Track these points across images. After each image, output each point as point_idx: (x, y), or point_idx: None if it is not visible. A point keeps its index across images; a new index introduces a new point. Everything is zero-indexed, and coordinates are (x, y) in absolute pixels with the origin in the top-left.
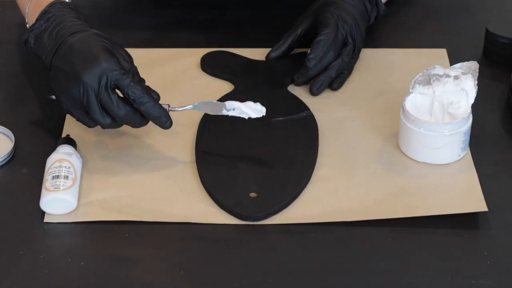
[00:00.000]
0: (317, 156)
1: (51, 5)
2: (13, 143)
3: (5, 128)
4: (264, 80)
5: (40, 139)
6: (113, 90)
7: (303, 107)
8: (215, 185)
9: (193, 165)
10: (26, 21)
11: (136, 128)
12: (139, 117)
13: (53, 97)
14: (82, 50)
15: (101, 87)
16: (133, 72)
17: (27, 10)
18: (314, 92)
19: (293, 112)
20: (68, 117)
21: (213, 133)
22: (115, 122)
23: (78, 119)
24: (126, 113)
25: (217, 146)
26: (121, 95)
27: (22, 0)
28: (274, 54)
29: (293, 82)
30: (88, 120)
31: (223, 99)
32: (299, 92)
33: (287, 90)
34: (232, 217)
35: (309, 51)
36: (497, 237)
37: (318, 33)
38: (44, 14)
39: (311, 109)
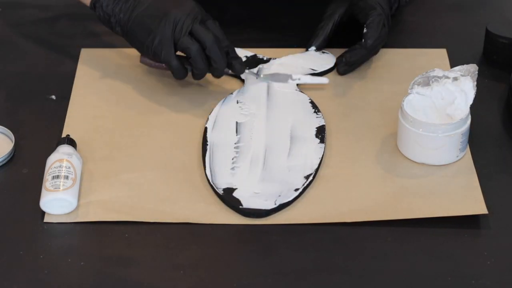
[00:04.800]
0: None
1: None
2: (13, 143)
3: (5, 128)
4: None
5: (40, 139)
6: (203, 24)
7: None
8: (219, 181)
9: (193, 165)
10: None
11: (199, 73)
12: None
13: (53, 97)
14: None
15: (192, 20)
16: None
17: None
18: (347, 59)
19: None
20: (68, 117)
21: (219, 131)
22: (202, 52)
23: (165, 59)
24: (213, 41)
25: (223, 143)
26: None
27: None
28: (315, 44)
29: (340, 62)
30: (175, 59)
31: (229, 98)
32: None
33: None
34: (232, 217)
35: (364, 31)
36: (497, 237)
37: (365, 16)
38: None
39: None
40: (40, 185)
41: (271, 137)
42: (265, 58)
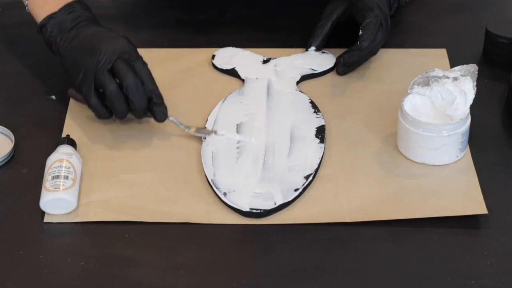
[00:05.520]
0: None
1: (77, 1)
2: (13, 143)
3: (5, 128)
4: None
5: (40, 139)
6: (128, 63)
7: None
8: (220, 181)
9: (193, 165)
10: (26, 1)
11: (120, 113)
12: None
13: (53, 97)
14: (104, 34)
15: (118, 57)
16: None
17: None
18: (345, 60)
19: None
20: (68, 117)
21: (219, 130)
22: (119, 92)
23: (85, 96)
24: (132, 81)
25: (223, 142)
26: None
27: None
28: (315, 44)
29: (339, 63)
30: (94, 97)
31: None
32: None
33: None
34: (232, 217)
35: (360, 33)
36: (497, 237)
37: (362, 17)
38: (69, 6)
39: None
40: (40, 185)
41: (271, 137)
42: (265, 58)
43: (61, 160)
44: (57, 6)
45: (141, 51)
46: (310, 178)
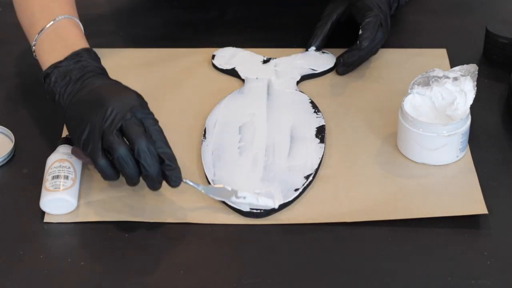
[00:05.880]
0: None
1: (85, 50)
2: (13, 143)
3: (5, 128)
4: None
5: (40, 139)
6: (139, 122)
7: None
8: (220, 181)
9: (193, 165)
10: (33, 48)
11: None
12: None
13: None
14: (112, 87)
15: (128, 115)
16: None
17: (37, 37)
18: (345, 60)
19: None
20: None
21: (220, 131)
22: (129, 155)
23: (92, 155)
24: (144, 144)
25: (224, 143)
26: None
27: (31, 25)
28: (315, 44)
29: (339, 63)
30: (102, 158)
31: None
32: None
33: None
34: (232, 217)
35: (360, 32)
36: (497, 237)
37: (362, 17)
38: (76, 55)
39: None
40: (40, 185)
41: (271, 137)
42: (265, 58)
43: (61, 160)
44: (63, 54)
45: (141, 51)
46: (310, 178)
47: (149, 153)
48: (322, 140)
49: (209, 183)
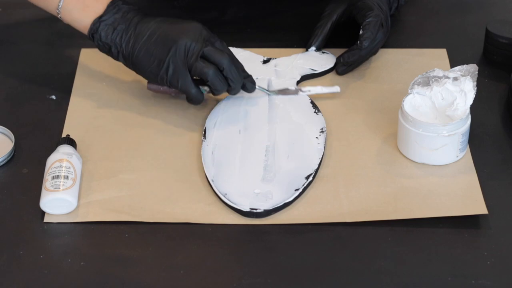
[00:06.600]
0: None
1: None
2: (13, 143)
3: (5, 128)
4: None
5: (40, 139)
6: (214, 45)
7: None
8: (220, 181)
9: (193, 165)
10: (59, 10)
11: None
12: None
13: (53, 97)
14: (175, 24)
15: (204, 43)
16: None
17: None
18: (345, 60)
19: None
20: (68, 117)
21: (220, 131)
22: (219, 74)
23: (183, 88)
24: (229, 62)
25: (223, 143)
26: None
27: None
28: (315, 44)
29: (339, 62)
30: (194, 87)
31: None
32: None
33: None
34: (232, 217)
35: (360, 32)
36: (497, 237)
37: (362, 16)
38: (113, 5)
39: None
40: (40, 185)
41: (271, 137)
42: (265, 58)
43: (61, 160)
44: (100, 7)
45: None
46: (310, 178)
47: (235, 68)
48: (322, 140)
49: (209, 183)
